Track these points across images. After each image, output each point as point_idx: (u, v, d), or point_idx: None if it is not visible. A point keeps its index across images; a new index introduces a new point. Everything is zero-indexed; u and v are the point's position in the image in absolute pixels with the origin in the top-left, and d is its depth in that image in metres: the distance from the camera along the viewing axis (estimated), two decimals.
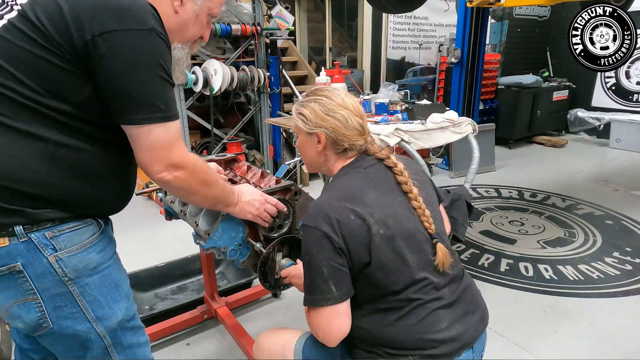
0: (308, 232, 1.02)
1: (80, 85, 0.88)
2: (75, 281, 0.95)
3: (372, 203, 1.04)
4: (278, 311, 2.32)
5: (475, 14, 4.21)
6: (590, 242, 3.09)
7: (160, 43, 0.91)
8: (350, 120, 1.12)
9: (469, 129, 2.55)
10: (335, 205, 1.03)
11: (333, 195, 1.07)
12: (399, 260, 1.02)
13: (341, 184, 1.11)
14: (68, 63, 0.86)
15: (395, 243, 1.02)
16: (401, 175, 1.11)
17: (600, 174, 4.67)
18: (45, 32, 0.85)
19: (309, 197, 1.43)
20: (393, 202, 1.08)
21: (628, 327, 2.15)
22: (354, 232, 1.00)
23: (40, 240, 0.91)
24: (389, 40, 5.82)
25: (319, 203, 1.07)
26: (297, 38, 6.19)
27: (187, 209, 1.47)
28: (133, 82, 0.88)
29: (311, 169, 1.26)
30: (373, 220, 1.01)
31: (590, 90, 6.21)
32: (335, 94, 1.16)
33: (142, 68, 0.89)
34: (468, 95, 4.52)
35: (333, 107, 1.12)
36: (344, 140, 1.13)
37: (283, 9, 4.05)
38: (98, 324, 1.00)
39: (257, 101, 4.18)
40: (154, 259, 2.55)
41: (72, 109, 0.89)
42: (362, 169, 1.13)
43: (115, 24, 0.85)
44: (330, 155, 1.17)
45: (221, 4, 1.11)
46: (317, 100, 1.14)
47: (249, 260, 1.37)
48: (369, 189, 1.07)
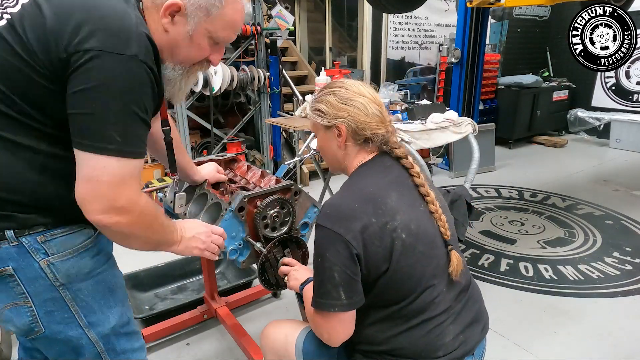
0: (325, 233, 0.97)
1: (59, 104, 0.83)
2: (67, 286, 0.94)
3: (395, 206, 1.00)
4: (278, 311, 2.32)
5: (475, 14, 4.21)
6: (590, 242, 3.09)
7: (142, 74, 0.84)
8: (369, 106, 1.07)
9: (469, 129, 2.55)
10: (356, 207, 0.98)
11: (354, 196, 1.02)
12: (416, 267, 1.00)
13: (362, 184, 1.05)
14: (47, 80, 0.82)
15: (416, 249, 0.99)
16: (418, 177, 1.08)
17: (600, 174, 4.67)
18: (28, 45, 0.80)
19: (309, 197, 1.43)
20: (414, 204, 1.05)
21: (628, 327, 2.15)
22: (375, 239, 0.96)
23: (31, 244, 0.89)
24: (389, 40, 5.82)
25: (339, 204, 1.02)
26: (297, 38, 6.19)
27: (187, 209, 1.47)
28: (94, 105, 0.80)
29: (333, 167, 1.20)
30: (396, 224, 0.98)
31: (590, 90, 6.21)
32: (350, 83, 1.12)
33: (110, 94, 0.80)
34: (468, 95, 4.52)
35: (350, 95, 1.08)
36: (365, 129, 1.07)
37: (283, 9, 4.05)
38: (90, 330, 0.99)
39: (257, 101, 4.18)
40: (154, 259, 2.55)
41: (57, 124, 0.85)
42: (382, 167, 1.09)
43: (95, 43, 0.79)
44: (350, 148, 1.11)
45: (228, 27, 0.98)
46: (332, 92, 1.10)
47: (248, 260, 1.37)
48: (391, 190, 1.03)
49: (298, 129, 2.53)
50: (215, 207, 1.36)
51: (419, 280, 1.00)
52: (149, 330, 2.00)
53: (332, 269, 0.96)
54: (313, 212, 1.45)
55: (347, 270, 0.96)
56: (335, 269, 0.96)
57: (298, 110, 2.70)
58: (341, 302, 0.97)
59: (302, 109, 2.61)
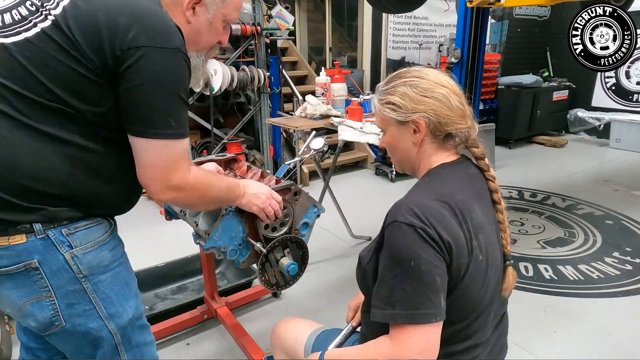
0: (412, 232, 0.83)
1: (104, 96, 0.91)
2: (89, 278, 0.97)
3: (479, 223, 0.90)
4: (278, 311, 2.32)
5: (475, 14, 4.21)
6: (590, 242, 3.09)
7: (183, 63, 0.94)
8: (452, 98, 0.95)
9: None
10: (445, 214, 0.86)
11: (440, 199, 0.88)
12: (482, 291, 0.90)
13: (448, 188, 0.92)
14: (96, 75, 0.89)
15: (487, 275, 0.90)
16: (493, 182, 0.98)
17: (600, 174, 4.67)
18: (77, 44, 0.87)
19: (309, 197, 1.43)
20: (490, 220, 0.95)
21: (628, 327, 2.15)
22: (460, 251, 0.85)
23: (57, 237, 0.92)
24: (389, 40, 5.82)
25: (427, 204, 0.87)
26: (297, 38, 6.19)
27: (187, 209, 1.47)
28: (151, 96, 0.90)
29: (402, 166, 1.08)
30: (477, 243, 0.87)
31: (590, 90, 6.21)
32: (427, 71, 0.98)
33: (163, 85, 0.91)
34: (468, 95, 4.52)
35: (429, 85, 0.95)
36: (448, 124, 0.95)
37: (283, 9, 4.05)
38: (110, 321, 1.01)
39: (257, 101, 4.18)
40: (154, 259, 2.55)
41: (95, 116, 0.92)
42: (467, 175, 0.97)
43: (145, 40, 0.88)
44: (428, 146, 0.98)
45: (237, 9, 1.09)
46: (406, 83, 0.96)
47: (248, 260, 1.37)
48: (476, 202, 0.92)
49: (298, 129, 2.53)
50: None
51: (477, 307, 0.91)
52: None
53: (432, 272, 0.82)
54: (313, 212, 1.45)
55: (442, 270, 0.84)
56: (437, 272, 0.82)
57: (298, 110, 2.70)
58: (441, 309, 0.83)
59: (302, 109, 2.61)
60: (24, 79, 0.87)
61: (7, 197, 0.87)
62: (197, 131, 4.24)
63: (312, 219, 1.45)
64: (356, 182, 4.50)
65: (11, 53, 0.87)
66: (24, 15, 0.89)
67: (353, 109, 2.44)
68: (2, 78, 0.87)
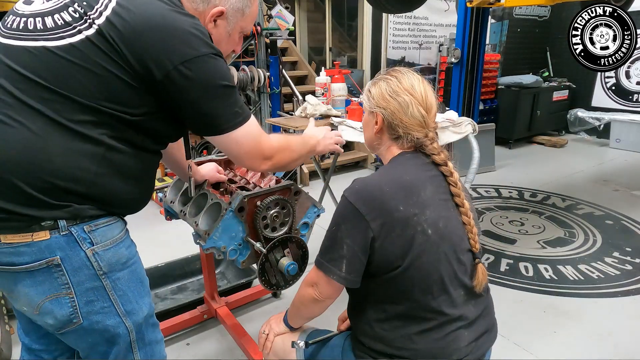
0: (347, 206, 0.99)
1: (142, 101, 0.95)
2: (108, 275, 0.98)
3: (427, 200, 0.99)
4: (278, 311, 2.31)
5: (475, 14, 4.21)
6: (590, 242, 3.09)
7: (223, 62, 1.01)
8: (412, 107, 1.05)
9: (469, 129, 2.54)
10: (386, 191, 0.98)
11: (388, 179, 1.02)
12: (437, 267, 0.98)
13: (400, 170, 1.05)
14: (137, 82, 0.93)
15: (439, 248, 0.98)
16: (455, 186, 1.05)
17: (600, 174, 4.67)
18: (120, 52, 0.90)
19: (309, 197, 1.43)
20: (447, 205, 1.04)
21: (628, 327, 2.15)
22: (397, 227, 0.96)
23: (79, 233, 0.93)
24: (389, 40, 5.82)
25: (370, 183, 1.02)
26: (297, 38, 6.19)
27: (187, 209, 1.47)
28: (214, 101, 0.98)
29: (370, 147, 1.22)
30: (424, 218, 0.97)
31: (590, 90, 6.21)
32: (407, 77, 1.09)
33: (218, 86, 0.98)
34: (468, 95, 4.52)
35: (398, 89, 1.07)
36: (399, 127, 1.07)
37: (283, 9, 4.05)
38: (127, 319, 1.03)
39: (257, 101, 4.18)
40: (154, 259, 2.55)
41: (128, 118, 0.95)
42: (423, 162, 1.07)
43: (190, 50, 0.93)
44: (385, 139, 1.12)
45: (253, 21, 1.18)
46: (386, 80, 1.10)
47: (248, 260, 1.37)
48: (427, 184, 1.02)
49: (298, 129, 2.53)
50: (215, 207, 1.36)
51: (438, 281, 0.99)
52: None
53: (343, 240, 0.99)
54: (313, 212, 1.45)
55: (357, 247, 0.97)
56: (346, 241, 0.98)
57: (298, 110, 2.70)
58: (340, 273, 1.00)
59: (302, 109, 2.61)
60: (64, 80, 0.90)
61: (35, 193, 0.88)
62: None
63: (312, 219, 1.45)
64: None
65: (54, 55, 0.90)
66: (67, 21, 0.92)
67: (353, 109, 2.44)
68: (41, 79, 0.89)
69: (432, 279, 0.98)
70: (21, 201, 0.88)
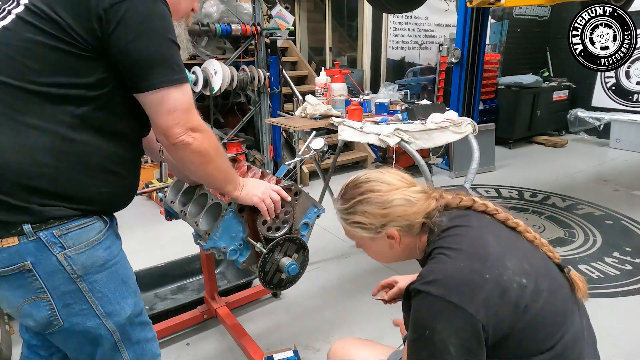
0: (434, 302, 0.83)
1: (91, 68, 0.90)
2: (84, 278, 0.96)
3: (498, 251, 0.87)
4: (278, 311, 2.32)
5: (475, 14, 4.21)
6: (590, 242, 3.09)
7: (165, 9, 0.94)
8: (411, 196, 0.97)
9: (469, 129, 2.54)
10: (463, 267, 0.85)
11: (453, 257, 0.87)
12: (548, 308, 0.86)
13: (451, 242, 0.91)
14: (82, 49, 0.88)
15: (540, 289, 0.86)
16: (498, 213, 0.95)
17: (600, 174, 4.67)
18: (61, 21, 0.86)
19: (309, 198, 1.43)
20: (513, 240, 0.93)
21: (628, 327, 2.15)
22: (497, 298, 0.82)
23: (48, 238, 0.91)
24: (389, 40, 5.82)
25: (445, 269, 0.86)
26: (297, 38, 6.18)
27: (187, 209, 1.47)
28: (147, 48, 0.90)
29: (393, 261, 1.09)
30: (509, 271, 0.84)
31: (590, 90, 6.21)
32: (373, 182, 1.00)
33: (154, 34, 0.90)
34: (468, 95, 4.52)
35: (385, 197, 0.97)
36: (417, 218, 0.96)
37: (283, 9, 4.05)
38: (107, 320, 1.01)
39: (257, 101, 4.18)
40: (154, 259, 2.55)
41: (84, 93, 0.90)
42: (457, 217, 0.96)
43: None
44: (409, 242, 1.00)
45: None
46: (363, 201, 0.98)
47: (249, 261, 1.37)
48: (484, 234, 0.91)
49: (298, 129, 2.53)
50: (215, 207, 1.36)
51: (556, 322, 0.87)
52: None
53: (446, 343, 0.81)
54: (313, 213, 1.45)
55: (467, 343, 0.81)
56: (452, 342, 0.81)
57: (298, 110, 2.70)
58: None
59: (302, 109, 2.61)
60: (9, 66, 0.87)
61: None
62: None
63: (312, 219, 1.45)
64: None
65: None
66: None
67: (353, 109, 2.44)
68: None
69: (548, 325, 0.87)
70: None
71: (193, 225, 1.40)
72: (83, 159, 0.93)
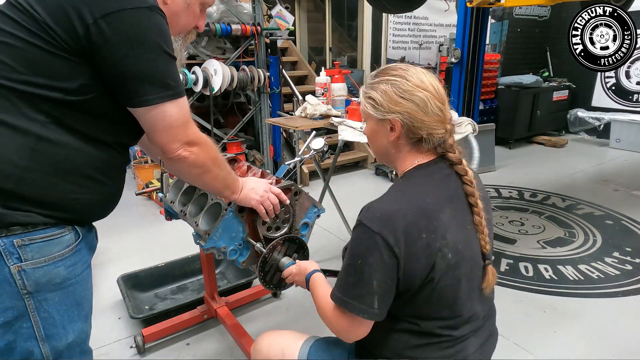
0: (369, 235, 0.90)
1: (74, 72, 0.85)
2: (33, 295, 0.88)
3: (447, 223, 0.93)
4: (278, 311, 2.32)
5: (475, 14, 4.21)
6: (590, 242, 3.09)
7: (161, 20, 0.89)
8: (430, 103, 0.95)
9: (469, 129, 2.54)
10: (409, 219, 0.90)
11: (407, 203, 0.93)
12: (456, 288, 0.95)
13: (419, 192, 0.97)
14: (63, 50, 0.83)
15: (458, 270, 0.94)
16: (470, 185, 1.00)
17: (600, 174, 4.67)
18: (39, 19, 0.81)
19: (309, 197, 1.43)
20: (464, 221, 0.99)
21: (628, 327, 2.15)
22: (421, 255, 0.90)
23: (6, 247, 0.83)
24: (389, 40, 5.82)
25: (389, 208, 0.93)
26: (297, 38, 6.19)
27: (187, 209, 1.48)
28: (141, 62, 0.86)
29: (381, 159, 1.12)
30: (445, 242, 0.91)
31: (590, 90, 6.21)
32: (412, 72, 0.98)
33: (149, 47, 0.86)
34: (468, 95, 4.52)
35: (409, 87, 0.96)
36: (422, 128, 0.96)
37: (283, 9, 4.05)
38: (45, 343, 0.92)
39: (257, 101, 4.18)
40: (154, 259, 2.55)
41: (62, 97, 0.85)
42: (441, 176, 1.00)
43: (115, 4, 0.82)
44: (402, 146, 1.01)
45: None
46: (389, 81, 0.98)
47: (249, 261, 1.37)
48: (446, 204, 0.95)
49: (298, 129, 2.53)
50: (215, 207, 1.36)
51: (457, 301, 0.96)
52: (149, 330, 2.00)
53: (372, 275, 0.90)
54: (313, 212, 1.45)
55: (388, 279, 0.90)
56: (376, 276, 0.90)
57: (298, 110, 2.70)
58: (373, 311, 0.92)
59: (302, 109, 2.61)
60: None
61: None
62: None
63: (312, 219, 1.45)
64: (356, 182, 4.50)
65: None
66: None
67: (353, 109, 2.44)
68: None
69: (450, 301, 0.96)
70: None
71: (193, 225, 1.41)
72: (59, 161, 0.86)
